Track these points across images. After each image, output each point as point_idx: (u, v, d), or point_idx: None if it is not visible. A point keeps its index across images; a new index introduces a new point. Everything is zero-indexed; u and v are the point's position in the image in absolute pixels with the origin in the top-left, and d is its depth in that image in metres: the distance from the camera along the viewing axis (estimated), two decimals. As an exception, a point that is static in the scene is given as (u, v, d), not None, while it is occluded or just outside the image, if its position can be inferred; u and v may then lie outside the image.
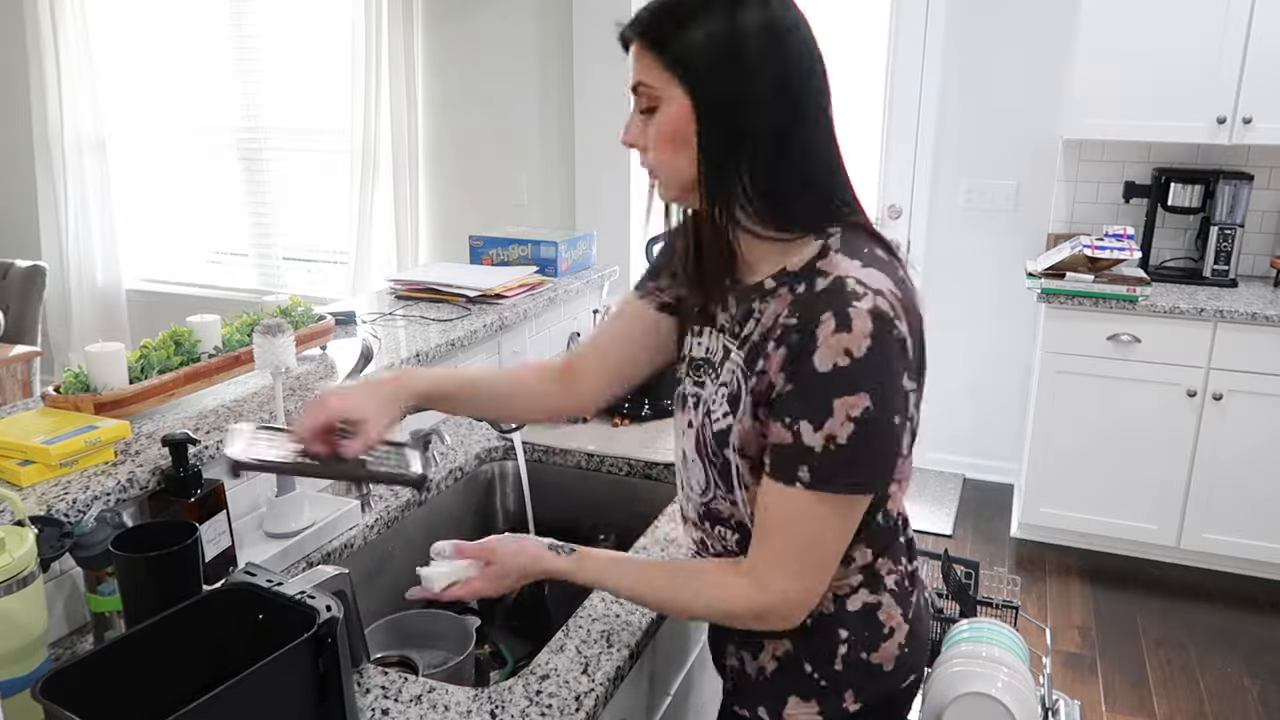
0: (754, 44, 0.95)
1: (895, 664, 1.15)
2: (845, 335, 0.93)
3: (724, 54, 0.96)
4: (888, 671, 1.14)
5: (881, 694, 1.15)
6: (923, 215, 3.88)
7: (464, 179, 4.26)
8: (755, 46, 0.95)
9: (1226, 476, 3.20)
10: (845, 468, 0.97)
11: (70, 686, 0.88)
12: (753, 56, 0.95)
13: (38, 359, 3.56)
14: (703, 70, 0.96)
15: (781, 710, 1.14)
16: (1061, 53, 3.55)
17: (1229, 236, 3.35)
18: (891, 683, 1.15)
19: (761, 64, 0.96)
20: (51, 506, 1.21)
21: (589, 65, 3.70)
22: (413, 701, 1.12)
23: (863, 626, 1.12)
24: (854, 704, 1.14)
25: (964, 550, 3.49)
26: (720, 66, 0.96)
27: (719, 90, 0.97)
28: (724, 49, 0.95)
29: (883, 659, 1.14)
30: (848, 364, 0.94)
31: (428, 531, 1.74)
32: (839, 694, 1.13)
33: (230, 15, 4.45)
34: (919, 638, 1.18)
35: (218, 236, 4.85)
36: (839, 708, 1.13)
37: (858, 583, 1.12)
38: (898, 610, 1.14)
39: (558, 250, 2.48)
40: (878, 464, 0.99)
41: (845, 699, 1.13)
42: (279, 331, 1.41)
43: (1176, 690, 2.74)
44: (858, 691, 1.13)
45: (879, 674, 1.14)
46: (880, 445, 0.98)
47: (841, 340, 0.93)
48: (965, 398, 4.01)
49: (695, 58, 0.96)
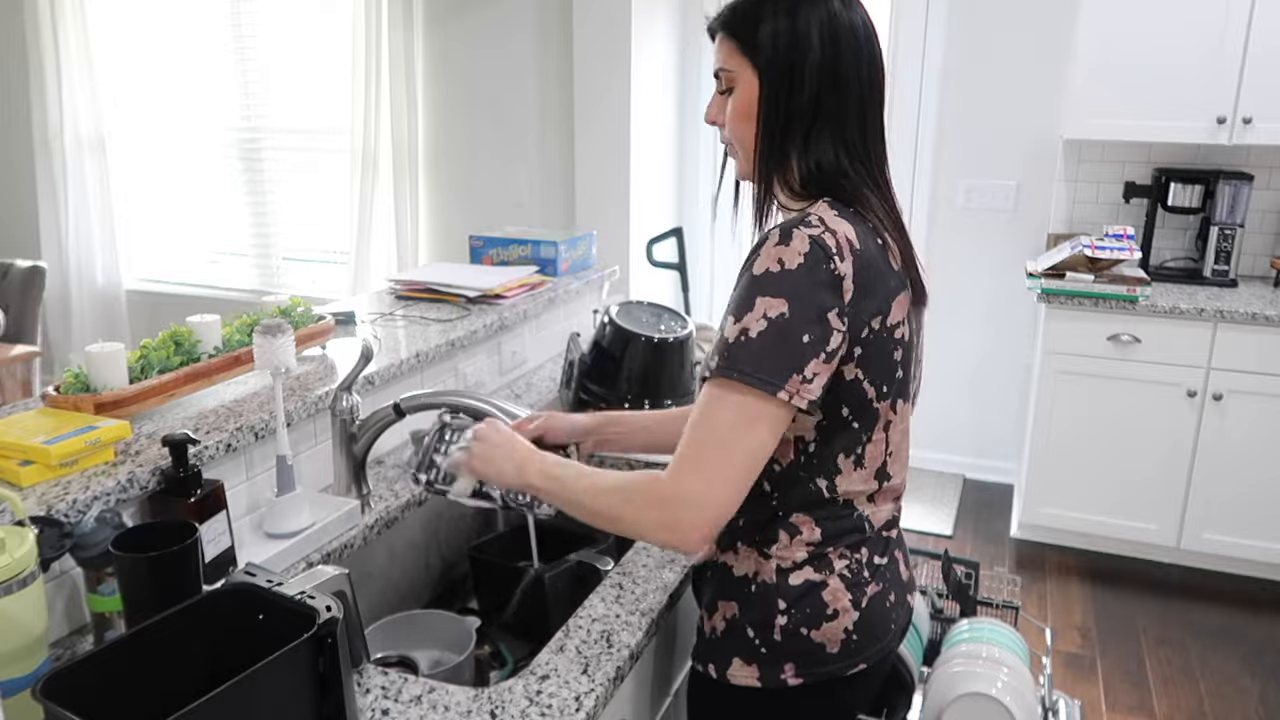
0: (812, 38, 1.11)
1: (840, 648, 1.18)
2: (783, 248, 1.05)
3: (786, 44, 1.11)
4: (831, 653, 1.18)
5: (824, 674, 1.18)
6: (923, 215, 3.88)
7: (464, 179, 4.25)
8: (813, 40, 1.11)
9: (1226, 477, 3.20)
10: (750, 357, 1.03)
11: (70, 686, 0.88)
12: (809, 49, 1.11)
13: (38, 359, 3.57)
14: (768, 55, 1.12)
15: (726, 670, 1.20)
16: (1061, 53, 3.55)
17: (1229, 236, 3.35)
18: (835, 666, 1.18)
19: (816, 56, 1.11)
20: (51, 506, 1.21)
21: (589, 65, 3.70)
22: (413, 701, 1.12)
23: (804, 603, 1.17)
24: (794, 678, 1.18)
25: (964, 550, 3.49)
26: (782, 54, 1.12)
27: (779, 74, 1.12)
28: (787, 39, 1.11)
29: (825, 639, 1.17)
30: (778, 270, 1.04)
31: (428, 531, 1.74)
32: (778, 664, 1.18)
33: (230, 15, 4.45)
34: (873, 630, 1.20)
35: (218, 236, 4.85)
36: (777, 678, 1.18)
37: (802, 559, 1.18)
38: (846, 596, 1.18)
39: (558, 250, 2.48)
40: (782, 366, 1.03)
41: (785, 670, 1.18)
42: (279, 331, 1.41)
43: (1176, 690, 2.74)
44: (798, 666, 1.18)
45: (820, 653, 1.18)
46: (788, 350, 1.03)
47: (779, 250, 1.05)
48: (965, 398, 4.01)
49: (764, 45, 1.12)
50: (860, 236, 1.09)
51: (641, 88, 3.73)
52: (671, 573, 1.42)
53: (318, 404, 1.64)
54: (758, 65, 1.13)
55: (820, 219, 1.07)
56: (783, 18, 1.12)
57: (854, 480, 1.17)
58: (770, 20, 1.12)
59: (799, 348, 1.03)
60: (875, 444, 1.16)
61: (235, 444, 1.46)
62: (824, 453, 1.15)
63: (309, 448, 1.66)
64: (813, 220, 1.07)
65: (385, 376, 1.81)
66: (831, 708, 1.23)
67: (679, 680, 1.53)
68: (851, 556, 1.19)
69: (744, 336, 1.03)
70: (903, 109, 3.82)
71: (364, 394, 1.75)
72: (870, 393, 1.12)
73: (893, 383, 1.14)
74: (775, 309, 1.03)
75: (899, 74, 3.80)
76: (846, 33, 1.12)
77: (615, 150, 3.74)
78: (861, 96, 1.13)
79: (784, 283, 1.03)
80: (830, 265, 1.04)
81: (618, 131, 3.71)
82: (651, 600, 1.35)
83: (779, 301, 1.03)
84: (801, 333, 1.03)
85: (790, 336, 1.02)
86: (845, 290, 1.05)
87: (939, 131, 3.79)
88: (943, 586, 1.93)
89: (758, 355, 1.03)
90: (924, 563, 2.05)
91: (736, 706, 1.22)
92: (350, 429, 1.60)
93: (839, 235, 1.06)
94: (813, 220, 1.07)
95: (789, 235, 1.05)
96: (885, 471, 1.20)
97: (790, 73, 1.11)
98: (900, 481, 1.24)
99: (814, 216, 1.08)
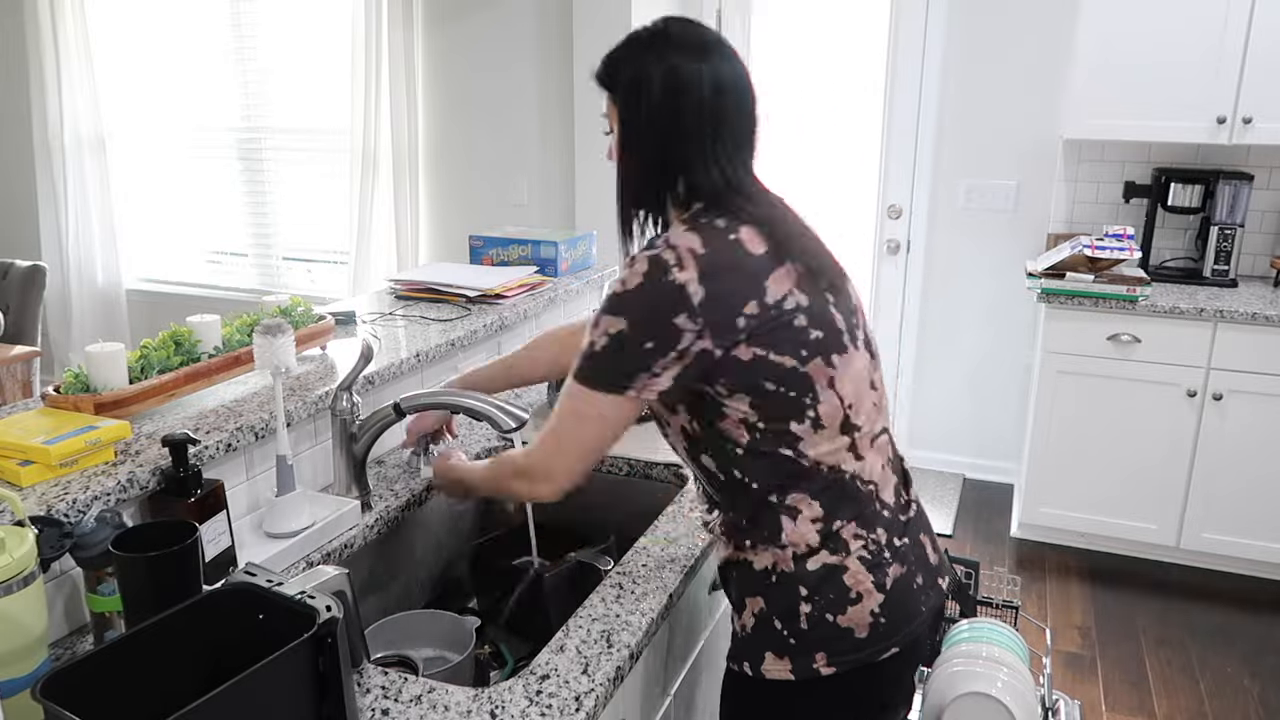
0: (655, 86, 1.22)
1: (869, 632, 1.20)
2: (628, 270, 1.19)
3: (631, 92, 1.24)
4: (860, 638, 1.19)
5: (855, 661, 1.20)
6: (923, 215, 3.88)
7: (464, 179, 4.26)
8: (655, 87, 1.22)
9: (1226, 477, 3.20)
10: (590, 364, 1.21)
11: (70, 686, 0.88)
12: (651, 95, 1.23)
13: (38, 359, 3.56)
14: (621, 101, 1.26)
15: (760, 665, 1.23)
16: (1061, 52, 3.55)
17: (1229, 236, 3.35)
18: (866, 651, 1.20)
19: (658, 101, 1.22)
20: (51, 506, 1.21)
21: (589, 65, 3.70)
22: (413, 701, 1.12)
23: (825, 588, 1.20)
24: (826, 667, 1.19)
25: (964, 550, 3.49)
26: (629, 101, 1.25)
27: (628, 117, 1.26)
28: (633, 88, 1.24)
29: (853, 623, 1.19)
30: (620, 291, 1.19)
31: (427, 531, 1.74)
32: (809, 654, 1.20)
33: (230, 15, 4.45)
34: (901, 611, 1.22)
35: (217, 236, 4.85)
36: (810, 668, 1.20)
37: (816, 543, 1.21)
38: (868, 577, 1.20)
39: (558, 250, 2.48)
40: (616, 373, 1.19)
41: (816, 659, 1.20)
42: (279, 331, 1.41)
43: (1176, 690, 2.74)
44: (829, 655, 1.19)
45: (849, 639, 1.19)
46: (623, 361, 1.18)
47: (625, 273, 1.19)
48: (965, 398, 4.01)
49: (618, 92, 1.26)
50: (705, 242, 1.18)
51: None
52: (671, 573, 1.42)
53: (318, 404, 1.64)
54: (617, 108, 1.27)
55: (665, 240, 1.19)
56: (629, 69, 1.25)
57: (819, 441, 1.20)
58: (623, 70, 1.25)
59: (639, 354, 1.17)
60: (825, 403, 1.19)
61: (235, 444, 1.46)
62: (773, 425, 1.19)
63: (309, 448, 1.66)
64: (657, 242, 1.20)
65: (385, 376, 1.81)
66: (866, 695, 1.24)
67: (679, 680, 1.53)
68: (868, 536, 1.21)
69: (593, 348, 1.20)
70: (903, 109, 3.82)
71: (364, 394, 1.75)
72: (788, 362, 1.17)
73: (810, 345, 1.18)
74: (614, 326, 1.18)
75: (899, 74, 3.80)
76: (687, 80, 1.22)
77: (615, 150, 3.73)
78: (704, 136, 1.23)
79: (623, 303, 1.18)
80: (669, 277, 1.16)
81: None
82: (651, 600, 1.35)
83: (617, 320, 1.18)
84: (642, 343, 1.17)
85: (629, 351, 1.18)
86: (692, 294, 1.15)
87: (939, 131, 3.79)
88: (943, 586, 1.93)
89: (597, 363, 1.20)
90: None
91: (773, 701, 1.24)
92: (350, 429, 1.60)
93: (680, 249, 1.17)
94: (657, 242, 1.20)
95: (634, 259, 1.19)
96: (850, 424, 1.22)
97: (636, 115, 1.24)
98: (875, 429, 1.26)
99: (661, 239, 1.20)
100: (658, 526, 1.58)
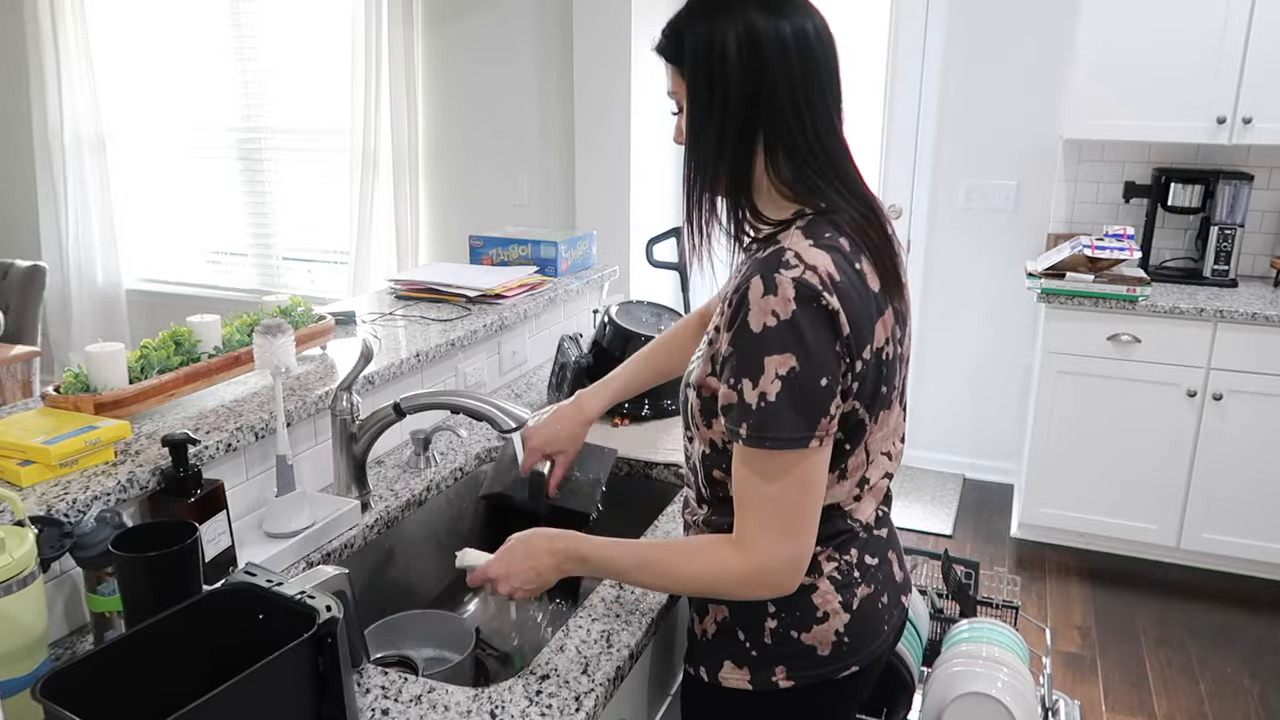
0: (731, 48, 1.08)
1: (831, 650, 1.18)
2: (771, 298, 1.02)
3: (705, 57, 1.10)
4: (822, 655, 1.18)
5: (815, 677, 1.18)
6: (923, 215, 3.88)
7: (464, 179, 4.26)
8: (732, 50, 1.08)
9: (1226, 477, 3.20)
10: (775, 422, 1.04)
11: (70, 686, 0.88)
12: (729, 59, 1.08)
13: (38, 359, 3.57)
14: (691, 70, 1.12)
15: (718, 672, 1.21)
16: (1061, 52, 3.55)
17: (1229, 236, 3.35)
18: (827, 668, 1.18)
19: (737, 66, 1.08)
20: (51, 506, 1.21)
21: (589, 65, 3.70)
22: (413, 701, 1.12)
23: (793, 605, 1.17)
24: (785, 680, 1.18)
25: (964, 550, 3.49)
26: (702, 70, 1.10)
27: (700, 88, 1.11)
28: (705, 53, 1.10)
29: (816, 641, 1.18)
30: (775, 324, 1.02)
31: (427, 531, 1.74)
32: (769, 667, 1.18)
33: (230, 15, 4.45)
34: (865, 631, 1.20)
35: (217, 236, 4.85)
36: (769, 680, 1.19)
37: None
38: (836, 597, 1.18)
39: (558, 250, 2.48)
40: (805, 419, 1.04)
41: (776, 673, 1.18)
42: (279, 331, 1.41)
43: (1176, 690, 2.74)
44: (789, 669, 1.18)
45: (811, 655, 1.18)
46: (808, 402, 1.04)
47: (768, 302, 1.03)
48: (965, 398, 4.01)
49: (687, 61, 1.12)
50: (838, 266, 1.06)
51: (641, 87, 3.73)
52: (671, 573, 1.42)
53: (318, 404, 1.64)
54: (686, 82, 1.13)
55: (797, 255, 1.04)
56: (701, 32, 1.10)
57: (837, 492, 1.17)
58: (691, 36, 1.11)
59: (818, 394, 1.04)
60: (856, 455, 1.16)
61: (235, 444, 1.46)
62: None
63: (309, 448, 1.66)
64: (789, 260, 1.04)
65: (385, 376, 1.81)
66: (824, 709, 1.23)
67: (678, 680, 1.53)
68: (840, 558, 1.19)
69: (763, 401, 1.03)
70: (903, 109, 3.82)
71: (364, 394, 1.75)
72: (861, 414, 1.12)
73: (877, 399, 1.13)
74: (785, 365, 1.02)
75: (899, 74, 3.80)
76: (767, 39, 1.08)
77: (615, 150, 3.74)
78: (796, 99, 1.09)
79: (785, 335, 1.02)
80: (822, 302, 1.02)
81: (618, 132, 3.72)
82: (651, 600, 1.35)
83: (786, 357, 1.02)
84: (817, 379, 1.03)
85: (807, 388, 1.03)
86: (842, 325, 1.04)
87: (939, 131, 3.79)
88: (943, 586, 1.93)
89: (779, 417, 1.03)
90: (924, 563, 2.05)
91: (728, 709, 1.22)
92: (350, 429, 1.60)
93: (819, 271, 1.04)
94: (789, 260, 1.04)
95: (772, 283, 1.02)
96: (865, 478, 1.20)
97: (711, 85, 1.10)
98: (880, 483, 1.23)
99: (789, 254, 1.05)
100: (658, 526, 1.58)
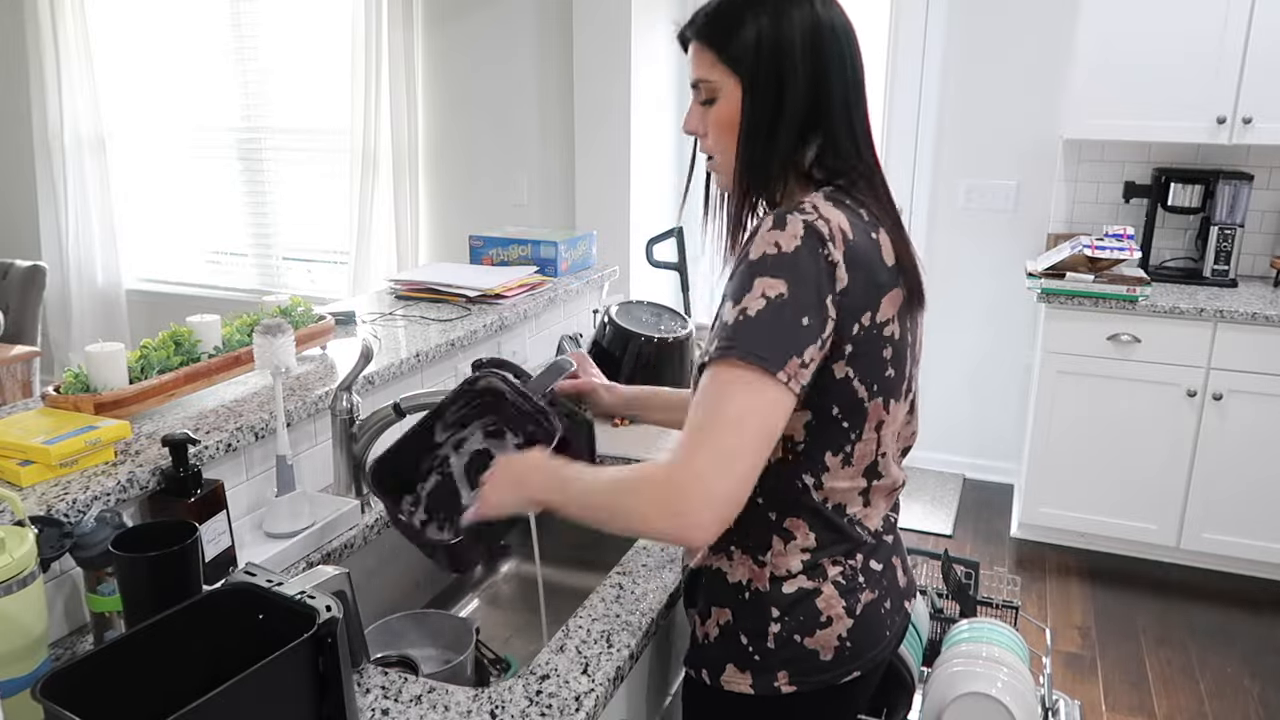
0: (795, 43, 1.08)
1: (834, 655, 1.17)
2: (778, 232, 1.03)
3: (770, 51, 1.08)
4: (825, 660, 1.17)
5: (818, 682, 1.18)
6: (923, 215, 3.88)
7: (464, 179, 4.26)
8: (797, 44, 1.08)
9: (1226, 477, 3.20)
10: (748, 335, 1.00)
11: (70, 686, 0.88)
12: (795, 53, 1.08)
13: (38, 359, 3.57)
14: (750, 64, 1.09)
15: (720, 676, 1.20)
16: (1061, 52, 3.55)
17: (1229, 236, 3.35)
18: (830, 673, 1.18)
19: (801, 60, 1.08)
20: (51, 506, 1.21)
21: (589, 65, 3.70)
22: (413, 701, 1.12)
23: (797, 610, 1.16)
24: (788, 685, 1.17)
25: (964, 550, 3.49)
26: (766, 62, 1.09)
27: (764, 82, 1.09)
28: (771, 47, 1.08)
29: (819, 646, 1.17)
30: (775, 253, 1.03)
31: (428, 531, 1.74)
32: (771, 671, 1.17)
33: (230, 15, 4.45)
34: (868, 637, 1.19)
35: (217, 236, 4.85)
36: (771, 685, 1.18)
37: (797, 570, 1.16)
38: (840, 603, 1.17)
39: (558, 250, 2.48)
40: (780, 346, 1.00)
41: (778, 678, 1.17)
42: (279, 331, 1.41)
43: (1176, 690, 2.74)
44: (792, 673, 1.17)
45: (814, 660, 1.17)
46: (785, 329, 1.01)
47: (774, 235, 1.03)
48: (965, 398, 4.01)
49: (746, 53, 1.09)
50: (853, 227, 1.07)
51: (642, 87, 3.73)
52: (671, 573, 1.42)
53: (318, 404, 1.64)
54: (740, 75, 1.10)
55: (814, 206, 1.06)
56: (765, 23, 1.08)
57: (840, 478, 1.15)
58: (751, 26, 1.08)
59: (798, 330, 1.01)
60: (865, 443, 1.14)
61: (235, 444, 1.46)
62: (812, 451, 1.13)
63: (309, 448, 1.66)
64: (806, 207, 1.05)
65: (385, 376, 1.81)
66: (825, 714, 1.22)
67: (678, 681, 1.52)
68: (846, 564, 1.18)
69: (743, 316, 1.01)
70: (903, 109, 3.82)
71: (364, 394, 1.75)
72: (861, 391, 1.10)
73: (883, 381, 1.12)
74: (774, 289, 1.01)
75: (899, 74, 3.79)
76: (828, 33, 1.09)
77: (615, 150, 3.74)
78: (847, 98, 1.11)
79: (782, 264, 1.01)
80: (825, 250, 1.03)
81: (618, 131, 3.71)
82: (651, 600, 1.35)
83: (778, 282, 1.01)
84: (800, 315, 1.01)
85: (788, 317, 1.00)
86: (839, 278, 1.03)
87: (939, 131, 3.79)
88: (943, 586, 1.93)
89: (756, 333, 1.00)
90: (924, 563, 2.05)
91: (730, 712, 1.22)
92: (350, 429, 1.60)
93: (832, 223, 1.04)
94: (806, 207, 1.05)
95: (783, 220, 1.03)
96: (875, 470, 1.18)
97: (778, 81, 1.09)
98: (892, 480, 1.22)
99: (807, 204, 1.06)
100: (658, 526, 1.57)
